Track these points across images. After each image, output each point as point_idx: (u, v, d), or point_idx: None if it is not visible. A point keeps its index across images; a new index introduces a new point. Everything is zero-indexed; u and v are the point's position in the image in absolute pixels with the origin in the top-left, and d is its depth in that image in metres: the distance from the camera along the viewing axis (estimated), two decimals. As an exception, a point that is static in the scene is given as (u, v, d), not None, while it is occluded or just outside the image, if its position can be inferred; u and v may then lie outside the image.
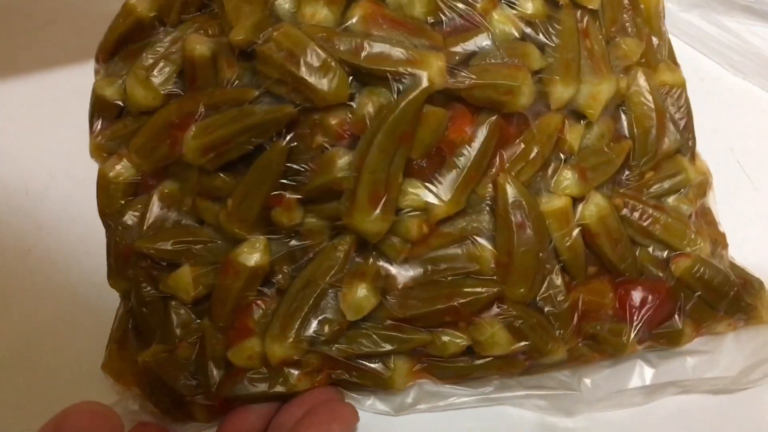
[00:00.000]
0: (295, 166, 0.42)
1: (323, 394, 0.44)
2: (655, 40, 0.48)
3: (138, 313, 0.46)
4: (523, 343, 0.43)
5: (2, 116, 0.57)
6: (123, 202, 0.47)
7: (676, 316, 0.46)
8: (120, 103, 0.48)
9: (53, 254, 0.44)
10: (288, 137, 0.41)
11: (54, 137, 0.48)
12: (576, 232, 0.44)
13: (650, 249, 0.46)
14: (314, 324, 0.43)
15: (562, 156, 0.45)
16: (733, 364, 0.47)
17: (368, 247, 0.43)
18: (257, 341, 0.43)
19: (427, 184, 0.42)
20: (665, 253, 0.46)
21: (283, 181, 0.42)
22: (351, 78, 0.41)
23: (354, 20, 0.41)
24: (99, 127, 0.49)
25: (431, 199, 0.42)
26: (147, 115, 0.47)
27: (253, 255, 0.43)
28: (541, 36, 0.43)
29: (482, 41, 0.42)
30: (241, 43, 0.42)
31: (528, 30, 0.43)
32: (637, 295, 0.45)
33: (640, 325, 0.46)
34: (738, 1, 0.58)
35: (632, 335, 0.45)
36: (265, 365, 0.43)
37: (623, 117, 0.47)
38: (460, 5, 0.42)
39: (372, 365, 0.44)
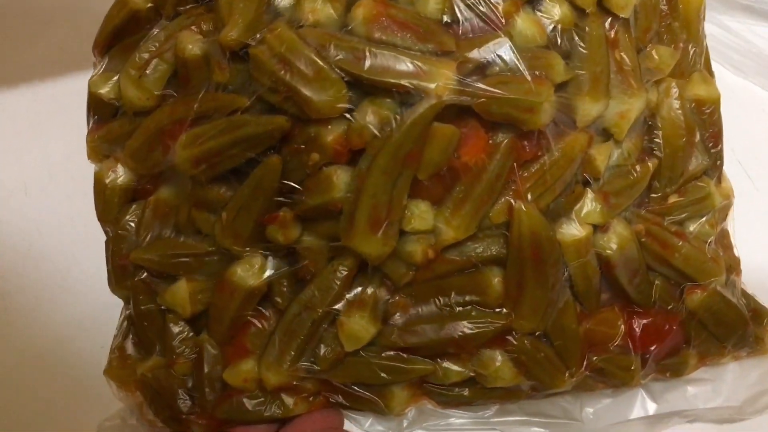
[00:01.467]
0: (290, 183, 0.34)
1: (322, 421, 0.38)
2: (691, 47, 0.39)
3: (137, 324, 0.40)
4: (528, 378, 0.37)
5: (2, 116, 0.54)
6: (120, 208, 0.41)
7: (683, 349, 0.39)
8: (115, 101, 0.41)
9: (53, 254, 0.41)
10: (282, 152, 0.34)
11: (54, 137, 0.45)
12: (594, 262, 0.36)
13: (666, 277, 0.38)
14: (311, 352, 0.36)
15: (584, 175, 0.38)
16: (737, 393, 0.41)
17: (370, 269, 0.36)
18: (253, 364, 0.37)
19: (435, 205, 0.34)
20: (680, 283, 0.38)
21: (278, 198, 0.35)
22: (351, 88, 0.33)
23: (356, 21, 0.33)
24: (94, 125, 0.44)
25: (439, 222, 0.34)
26: (142, 116, 0.40)
27: (248, 275, 0.36)
28: (566, 45, 0.34)
29: (501, 47, 0.33)
30: (232, 44, 0.34)
31: (553, 38, 0.34)
32: (647, 328, 0.38)
33: (648, 358, 0.38)
34: (739, 1, 0.53)
35: (640, 370, 0.38)
36: (260, 389, 0.37)
37: (651, 134, 0.38)
38: (481, 6, 0.33)
39: (370, 392, 0.37)
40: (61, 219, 0.43)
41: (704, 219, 0.38)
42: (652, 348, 0.38)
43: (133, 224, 0.41)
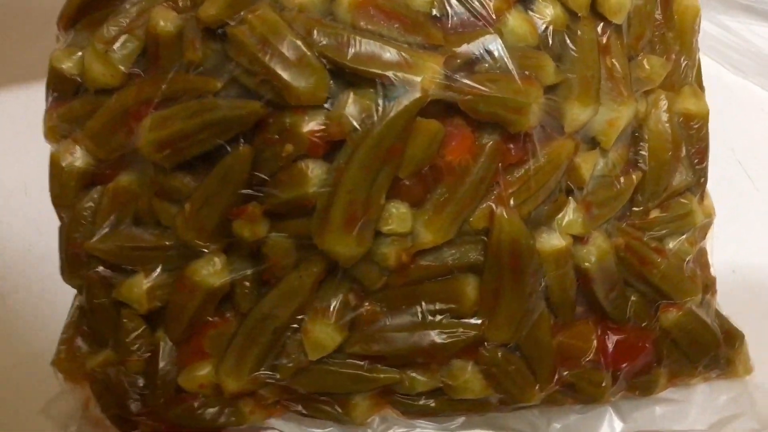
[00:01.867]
0: (261, 175, 0.32)
1: None
2: (683, 59, 0.37)
3: (89, 316, 0.37)
4: (497, 391, 0.34)
5: (2, 116, 0.51)
6: (77, 193, 0.37)
7: (654, 367, 0.37)
8: (78, 78, 0.38)
9: (53, 254, 0.38)
10: (254, 141, 0.31)
11: None
12: (572, 274, 0.34)
13: (642, 294, 0.37)
14: (272, 359, 0.33)
15: (568, 184, 0.37)
16: (703, 417, 0.40)
17: (339, 272, 0.33)
18: (210, 368, 0.34)
19: (413, 207, 0.32)
20: (656, 300, 0.37)
21: (246, 190, 0.32)
22: (333, 77, 0.30)
23: (342, 8, 0.30)
24: (54, 102, 0.40)
25: (418, 225, 0.32)
26: (105, 95, 0.36)
27: (210, 274, 0.33)
28: (557, 47, 0.32)
29: (490, 44, 0.31)
30: (211, 21, 0.31)
31: (544, 39, 0.32)
32: (621, 345, 0.36)
33: (619, 375, 0.37)
34: (738, 0, 0.52)
35: (611, 387, 0.36)
36: (217, 394, 0.34)
37: (638, 145, 0.36)
38: (474, 1, 0.30)
39: (331, 401, 0.34)
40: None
41: (684, 236, 0.36)
42: (624, 365, 0.36)
43: (89, 211, 0.37)
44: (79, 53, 0.37)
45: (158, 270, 0.35)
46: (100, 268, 0.36)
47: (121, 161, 0.37)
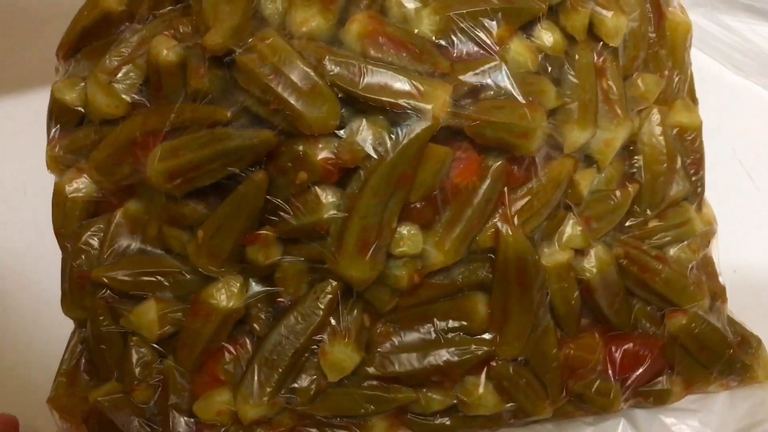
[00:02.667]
0: (275, 201, 0.31)
1: None
2: (676, 74, 0.38)
3: (93, 347, 0.36)
4: (510, 405, 0.35)
5: (1, 117, 0.50)
6: (81, 222, 0.36)
7: (666, 375, 0.37)
8: (81, 109, 0.36)
9: (51, 254, 0.37)
10: (267, 168, 0.31)
11: None
12: (574, 286, 0.35)
13: (647, 302, 0.37)
14: (291, 384, 0.33)
15: (567, 201, 0.37)
16: (725, 426, 0.39)
17: (352, 295, 0.33)
18: (227, 395, 0.33)
19: (423, 229, 0.32)
20: (661, 308, 0.37)
21: (260, 217, 0.31)
22: (343, 105, 0.30)
23: (350, 36, 0.31)
24: (57, 135, 0.38)
25: (428, 246, 0.32)
26: (109, 125, 0.35)
27: (227, 297, 0.33)
28: (556, 72, 0.33)
29: (495, 71, 0.31)
30: (217, 49, 0.31)
31: (543, 64, 0.32)
32: (628, 353, 0.36)
33: (628, 383, 0.37)
34: (740, 0, 0.51)
35: (620, 396, 0.37)
36: (234, 422, 0.33)
37: (632, 158, 0.37)
38: (475, 30, 0.31)
39: (349, 424, 0.33)
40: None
41: (685, 244, 0.37)
42: (633, 374, 0.36)
43: (94, 240, 0.36)
44: (82, 84, 0.36)
45: (169, 296, 0.34)
46: (107, 293, 0.35)
47: (126, 190, 0.36)
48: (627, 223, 0.38)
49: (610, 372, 0.36)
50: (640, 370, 0.36)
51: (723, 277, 0.40)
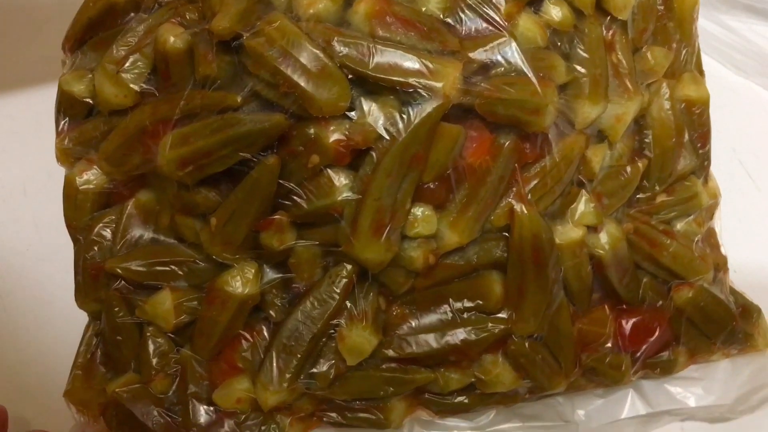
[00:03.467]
0: (287, 184, 0.31)
1: None
2: (683, 47, 0.37)
3: (109, 338, 0.35)
4: (526, 381, 0.34)
5: (1, 116, 0.49)
6: (93, 214, 0.36)
7: (672, 346, 0.38)
8: (89, 100, 0.35)
9: (52, 254, 0.36)
10: (279, 152, 0.30)
11: (52, 137, 0.41)
12: (587, 262, 0.34)
13: (654, 275, 0.37)
14: (310, 369, 0.32)
15: (579, 177, 0.37)
16: (728, 392, 0.39)
17: (367, 277, 0.32)
18: (246, 382, 0.33)
19: (437, 209, 0.31)
20: (668, 281, 0.37)
21: (273, 202, 0.31)
22: (353, 86, 0.29)
23: (358, 17, 0.30)
24: (66, 127, 0.37)
25: (442, 227, 0.31)
26: (118, 116, 0.35)
27: (242, 284, 0.32)
28: (565, 47, 0.32)
29: (505, 48, 0.30)
30: (224, 33, 0.30)
31: (552, 39, 0.32)
32: (637, 326, 0.36)
33: (638, 356, 0.37)
34: (740, 0, 0.51)
35: (631, 368, 0.36)
36: (254, 409, 0.33)
37: (642, 133, 0.37)
38: (483, 6, 0.30)
39: (369, 407, 0.33)
40: (59, 219, 0.39)
41: (691, 218, 0.37)
42: (642, 346, 0.36)
43: (107, 231, 0.36)
44: (89, 75, 0.36)
45: (184, 285, 0.34)
46: (122, 284, 0.35)
47: (137, 180, 0.35)
48: (636, 198, 0.37)
49: (620, 345, 0.36)
50: (649, 342, 0.36)
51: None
